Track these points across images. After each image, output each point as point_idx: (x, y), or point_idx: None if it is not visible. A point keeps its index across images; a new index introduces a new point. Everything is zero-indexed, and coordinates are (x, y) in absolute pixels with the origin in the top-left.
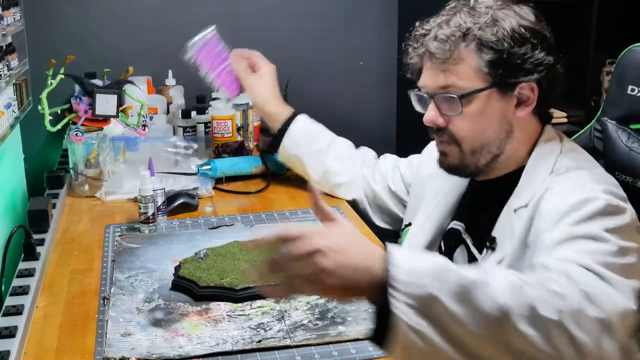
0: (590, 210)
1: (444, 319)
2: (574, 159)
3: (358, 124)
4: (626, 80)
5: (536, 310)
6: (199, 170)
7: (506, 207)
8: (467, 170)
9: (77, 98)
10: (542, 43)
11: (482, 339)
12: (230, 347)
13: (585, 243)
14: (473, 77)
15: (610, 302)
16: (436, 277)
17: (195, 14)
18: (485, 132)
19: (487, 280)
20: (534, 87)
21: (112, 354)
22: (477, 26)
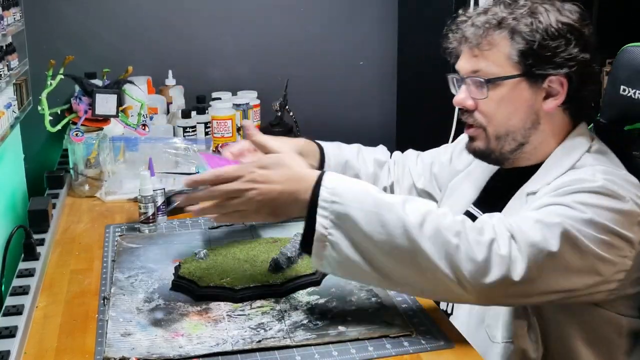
0: (580, 187)
1: (357, 234)
2: (598, 159)
3: (358, 124)
4: (618, 80)
5: (440, 233)
6: (199, 171)
7: (519, 191)
8: (493, 156)
9: (77, 98)
10: (578, 40)
11: (390, 256)
12: (230, 347)
13: (554, 207)
14: (503, 64)
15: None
16: (355, 198)
17: (195, 14)
18: (511, 120)
19: (403, 204)
20: (564, 81)
21: (112, 354)
22: (513, 16)
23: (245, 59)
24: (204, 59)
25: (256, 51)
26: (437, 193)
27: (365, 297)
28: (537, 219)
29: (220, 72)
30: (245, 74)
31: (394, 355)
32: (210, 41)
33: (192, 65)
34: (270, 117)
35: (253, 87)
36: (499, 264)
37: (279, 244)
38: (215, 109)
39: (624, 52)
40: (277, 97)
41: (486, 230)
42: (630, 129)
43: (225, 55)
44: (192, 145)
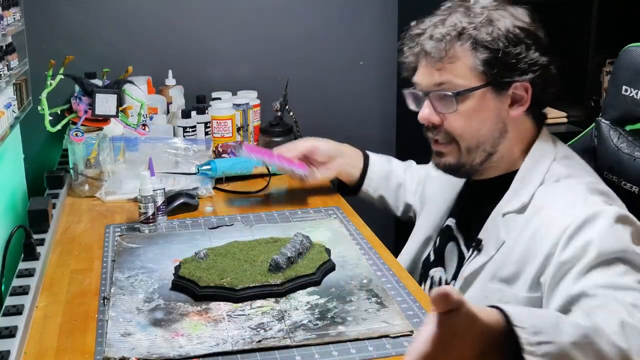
0: (605, 224)
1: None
2: (567, 166)
3: (358, 124)
4: (620, 81)
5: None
6: (199, 170)
7: (495, 210)
8: (463, 170)
9: (77, 98)
10: (536, 44)
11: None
12: (230, 347)
13: (616, 267)
14: (468, 76)
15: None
16: (558, 331)
17: (195, 14)
18: (480, 130)
19: (599, 325)
20: (528, 87)
21: (112, 353)
22: (472, 26)
23: (245, 59)
24: (204, 59)
25: (256, 51)
26: (415, 204)
27: (365, 297)
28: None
29: (220, 72)
30: (245, 74)
31: (394, 355)
32: (210, 41)
33: (192, 65)
34: (270, 117)
35: (253, 87)
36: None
37: (278, 243)
38: (215, 109)
39: (625, 52)
40: (277, 97)
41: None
42: (632, 129)
43: (225, 55)
44: (192, 145)
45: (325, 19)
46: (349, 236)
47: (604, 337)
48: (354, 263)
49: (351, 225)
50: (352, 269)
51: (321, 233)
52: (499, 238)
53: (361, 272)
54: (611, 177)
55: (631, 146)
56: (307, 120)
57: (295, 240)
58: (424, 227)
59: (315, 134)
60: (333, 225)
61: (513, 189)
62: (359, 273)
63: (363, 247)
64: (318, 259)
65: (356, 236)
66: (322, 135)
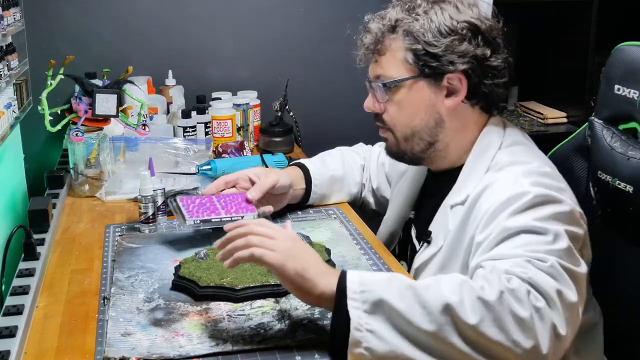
0: (519, 205)
1: (394, 317)
2: (511, 154)
3: (358, 124)
4: (612, 80)
5: (480, 300)
6: (199, 170)
7: (443, 203)
8: (406, 157)
9: (77, 98)
10: (474, 36)
11: (434, 334)
12: (231, 347)
13: (517, 238)
14: (399, 67)
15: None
16: (385, 283)
17: (195, 14)
18: (413, 120)
19: (434, 282)
20: (462, 78)
21: (112, 353)
22: (407, 19)
23: (245, 59)
24: (204, 59)
25: (256, 51)
26: (388, 195)
27: None
28: (526, 259)
29: (220, 72)
30: (245, 74)
31: None
32: (210, 41)
33: (192, 65)
34: (270, 117)
35: (253, 87)
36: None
37: None
38: (215, 109)
39: (617, 51)
40: (277, 97)
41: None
42: (625, 128)
43: (225, 55)
44: (192, 145)
45: (326, 19)
46: (349, 236)
47: (432, 290)
48: (354, 263)
49: (351, 225)
50: (352, 269)
51: (321, 233)
52: (447, 229)
53: None
54: (605, 176)
55: (625, 145)
56: (307, 120)
57: None
58: (389, 220)
59: (315, 134)
60: (333, 225)
61: (459, 182)
62: None
63: (363, 247)
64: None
65: (356, 236)
66: (322, 135)
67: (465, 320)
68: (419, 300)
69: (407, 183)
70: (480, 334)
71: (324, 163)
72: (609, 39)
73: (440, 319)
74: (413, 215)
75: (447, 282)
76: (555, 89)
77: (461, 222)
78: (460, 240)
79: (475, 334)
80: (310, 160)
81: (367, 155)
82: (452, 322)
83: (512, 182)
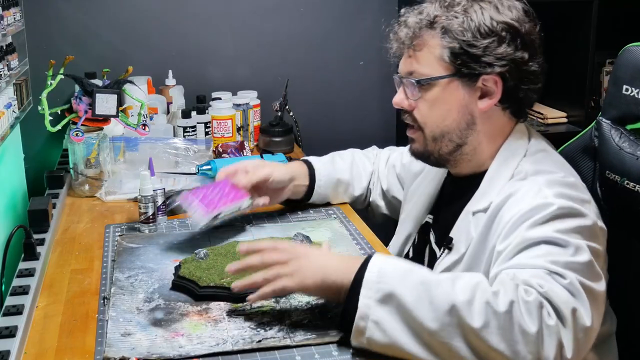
0: (542, 216)
1: (401, 311)
2: (536, 162)
3: (358, 124)
4: (621, 80)
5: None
6: (199, 170)
7: (465, 209)
8: (432, 158)
9: (77, 98)
10: (513, 38)
11: (437, 333)
12: (231, 347)
13: (537, 248)
14: (434, 64)
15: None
16: (402, 276)
17: (195, 14)
18: (445, 120)
19: (451, 279)
20: (498, 80)
21: (112, 353)
22: (445, 15)
23: (245, 59)
24: (204, 59)
25: (256, 51)
26: (401, 196)
27: None
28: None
29: (220, 72)
30: (245, 74)
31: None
32: (210, 41)
33: (192, 65)
34: (270, 117)
35: (253, 87)
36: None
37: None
38: (215, 109)
39: (625, 51)
40: (277, 97)
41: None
42: (632, 128)
43: (225, 55)
44: (192, 145)
45: (325, 19)
46: (349, 236)
47: (444, 287)
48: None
49: (351, 225)
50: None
51: (321, 233)
52: (469, 236)
53: None
54: (613, 176)
55: (633, 145)
56: (307, 120)
57: (295, 241)
58: (406, 221)
59: (315, 134)
60: (333, 225)
61: (482, 189)
62: None
63: (363, 247)
64: None
65: (356, 236)
66: (322, 135)
67: (470, 322)
68: (429, 296)
69: (424, 185)
70: (482, 339)
71: (333, 163)
72: (609, 39)
73: (444, 318)
74: (431, 220)
75: (463, 280)
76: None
77: (483, 230)
78: (483, 249)
79: (477, 339)
80: (320, 158)
81: (376, 159)
82: (456, 323)
83: (535, 192)
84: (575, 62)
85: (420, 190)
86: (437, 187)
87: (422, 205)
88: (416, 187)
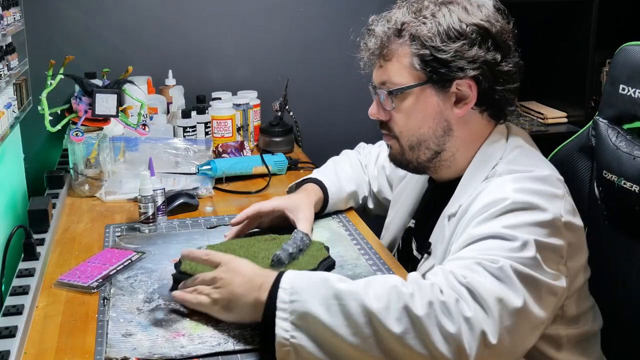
0: (493, 212)
1: (320, 332)
2: (510, 162)
3: (358, 124)
4: (617, 80)
5: (407, 310)
6: (199, 170)
7: (442, 214)
8: (411, 166)
9: (77, 98)
10: (484, 40)
11: (358, 347)
12: (232, 347)
13: (482, 243)
14: (405, 73)
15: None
16: (313, 293)
17: (195, 14)
18: (421, 129)
19: (363, 286)
20: (472, 84)
21: (113, 354)
22: (414, 22)
23: (245, 59)
24: (204, 59)
25: (256, 51)
26: (390, 196)
27: None
28: (476, 261)
29: (220, 72)
30: (245, 74)
31: None
32: (210, 41)
33: (192, 65)
34: (270, 117)
35: (253, 87)
36: (469, 333)
37: (277, 241)
38: (215, 109)
39: (622, 51)
40: (277, 97)
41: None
42: (629, 128)
43: (225, 55)
44: (192, 145)
45: (326, 19)
46: (348, 236)
47: (357, 297)
48: (353, 263)
49: (351, 224)
50: (351, 269)
51: (319, 233)
52: (444, 240)
53: (361, 271)
54: (610, 176)
55: (630, 145)
56: (307, 120)
57: (295, 237)
58: (390, 227)
59: (315, 134)
60: (331, 225)
61: (457, 192)
62: (359, 273)
63: (363, 247)
64: (318, 255)
65: (355, 236)
66: (322, 135)
67: (390, 328)
68: (344, 310)
69: (407, 190)
70: (403, 345)
71: (339, 179)
72: (609, 39)
73: (363, 331)
74: (413, 225)
75: (376, 286)
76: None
77: (452, 232)
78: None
79: (398, 345)
80: (326, 173)
81: (367, 160)
82: (375, 332)
83: (497, 188)
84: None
85: (405, 195)
86: (420, 193)
87: (405, 211)
88: (400, 191)
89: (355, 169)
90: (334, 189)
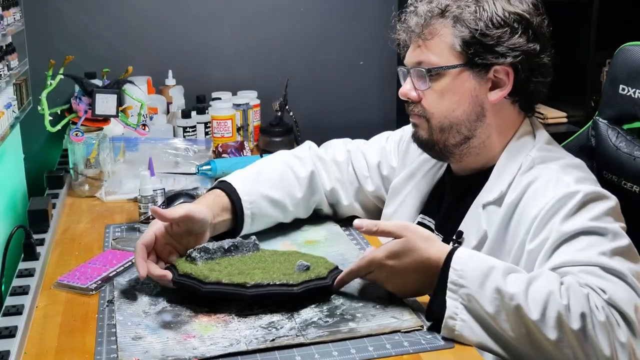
0: (571, 207)
1: (483, 317)
2: (541, 150)
3: (358, 124)
4: (617, 80)
5: (562, 322)
6: (199, 170)
7: (475, 202)
8: (437, 147)
9: (77, 98)
10: (525, 30)
11: (515, 339)
12: (245, 347)
13: (577, 241)
14: (445, 54)
15: (617, 298)
16: (480, 282)
17: (195, 13)
18: (455, 111)
19: (523, 289)
20: (509, 71)
21: (125, 357)
22: (457, 4)
23: (245, 59)
24: (204, 59)
25: (256, 51)
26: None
27: (371, 293)
28: (600, 266)
29: (220, 72)
30: (245, 74)
31: (393, 355)
32: (210, 41)
33: (192, 65)
34: (270, 117)
35: (253, 87)
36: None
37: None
38: (215, 109)
39: (622, 51)
40: (277, 97)
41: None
42: (629, 128)
43: (225, 55)
44: (192, 145)
45: (326, 19)
46: (347, 235)
47: (516, 305)
48: (354, 261)
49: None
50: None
51: (316, 232)
52: (480, 228)
53: None
54: (610, 176)
55: (630, 145)
56: (307, 120)
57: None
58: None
59: (315, 134)
60: (329, 224)
61: (491, 181)
62: None
63: (363, 246)
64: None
65: (354, 234)
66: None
67: (545, 334)
68: (503, 307)
69: (411, 185)
70: (558, 349)
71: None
72: (609, 39)
73: (520, 330)
74: (430, 222)
75: (534, 290)
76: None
77: (501, 225)
78: (503, 244)
79: (553, 348)
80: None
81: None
82: (532, 337)
83: (555, 182)
84: (575, 62)
85: (408, 189)
86: (429, 188)
87: (412, 205)
88: (401, 184)
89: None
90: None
